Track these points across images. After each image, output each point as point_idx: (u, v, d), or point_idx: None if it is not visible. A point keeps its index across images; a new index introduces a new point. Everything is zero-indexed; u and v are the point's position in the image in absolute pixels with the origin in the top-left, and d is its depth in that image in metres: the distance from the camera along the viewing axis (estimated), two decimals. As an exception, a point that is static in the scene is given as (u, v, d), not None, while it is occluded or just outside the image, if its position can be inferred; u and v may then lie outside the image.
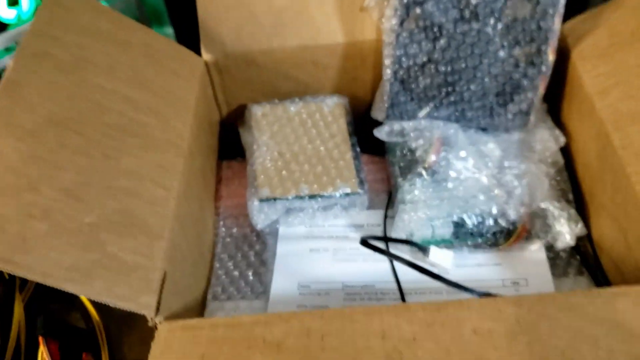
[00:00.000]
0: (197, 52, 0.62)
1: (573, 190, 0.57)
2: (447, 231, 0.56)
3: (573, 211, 0.55)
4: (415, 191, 0.56)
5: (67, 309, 0.58)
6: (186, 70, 0.59)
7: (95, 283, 0.41)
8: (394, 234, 0.57)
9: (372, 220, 0.61)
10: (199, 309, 0.55)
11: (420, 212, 0.55)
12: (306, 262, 0.58)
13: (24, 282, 0.56)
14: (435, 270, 0.55)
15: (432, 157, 0.57)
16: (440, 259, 0.55)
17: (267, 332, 0.40)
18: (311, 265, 0.57)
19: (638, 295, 0.39)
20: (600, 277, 0.53)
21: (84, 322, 0.58)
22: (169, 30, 0.90)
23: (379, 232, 0.59)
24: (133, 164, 0.48)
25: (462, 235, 0.56)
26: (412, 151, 0.59)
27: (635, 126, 0.47)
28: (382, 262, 0.56)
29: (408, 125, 0.59)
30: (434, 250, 0.55)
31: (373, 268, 0.56)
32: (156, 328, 0.42)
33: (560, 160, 0.58)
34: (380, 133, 0.60)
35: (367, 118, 0.63)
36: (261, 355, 0.38)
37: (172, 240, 0.47)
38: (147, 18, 0.86)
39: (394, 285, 0.55)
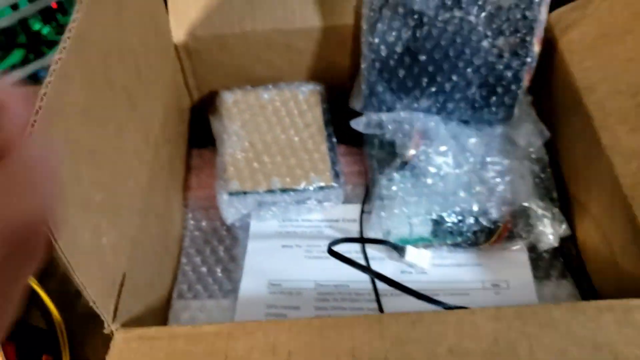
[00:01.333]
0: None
1: (557, 188, 0.55)
2: (425, 229, 0.53)
3: (557, 211, 0.52)
4: (392, 187, 0.53)
5: (25, 307, 0.55)
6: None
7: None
8: (369, 231, 0.54)
9: (348, 215, 0.58)
10: (164, 308, 0.52)
11: (397, 209, 0.52)
12: (277, 259, 0.55)
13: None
14: (412, 271, 0.53)
15: (411, 151, 0.54)
16: (418, 259, 0.52)
17: (230, 346, 0.37)
18: (283, 262, 0.55)
19: (623, 311, 0.37)
20: (584, 282, 0.51)
21: (44, 321, 0.55)
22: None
23: (355, 227, 0.57)
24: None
25: (441, 234, 0.53)
26: (390, 144, 0.56)
27: (624, 125, 0.45)
28: (358, 260, 0.53)
29: (386, 117, 0.56)
30: (410, 250, 0.52)
31: (348, 266, 0.54)
32: (112, 336, 0.39)
33: (545, 156, 0.56)
34: (358, 125, 0.57)
35: (345, 107, 0.60)
36: (223, 373, 0.36)
37: (134, 237, 0.44)
38: None
39: (369, 285, 0.52)
